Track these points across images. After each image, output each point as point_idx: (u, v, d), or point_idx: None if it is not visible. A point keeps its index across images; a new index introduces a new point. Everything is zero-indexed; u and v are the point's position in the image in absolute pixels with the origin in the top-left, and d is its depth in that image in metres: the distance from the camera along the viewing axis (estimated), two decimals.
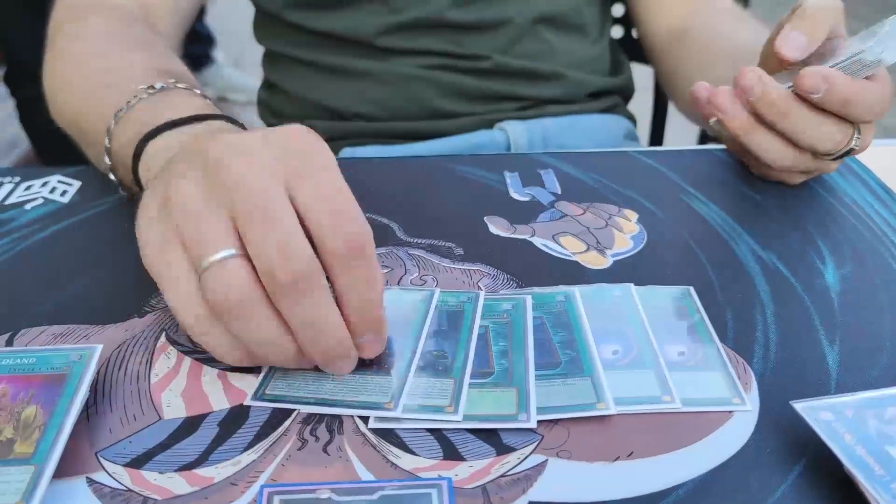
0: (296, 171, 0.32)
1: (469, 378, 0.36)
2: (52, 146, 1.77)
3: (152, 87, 0.48)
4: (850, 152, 0.48)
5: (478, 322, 0.40)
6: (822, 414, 0.33)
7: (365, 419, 0.34)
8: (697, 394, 0.36)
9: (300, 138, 0.34)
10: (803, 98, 0.46)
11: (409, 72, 0.70)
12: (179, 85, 0.49)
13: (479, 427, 0.34)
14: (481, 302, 0.41)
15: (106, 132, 0.48)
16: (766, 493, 0.31)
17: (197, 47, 2.46)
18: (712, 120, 0.49)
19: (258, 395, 0.36)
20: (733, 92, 0.48)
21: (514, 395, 0.35)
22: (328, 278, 0.33)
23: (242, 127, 0.45)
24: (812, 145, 0.47)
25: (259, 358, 0.34)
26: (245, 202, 0.31)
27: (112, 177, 0.49)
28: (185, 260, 0.33)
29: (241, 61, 2.73)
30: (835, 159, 0.49)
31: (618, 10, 0.91)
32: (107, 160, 0.48)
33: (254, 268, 0.32)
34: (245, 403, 0.35)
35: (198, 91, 0.49)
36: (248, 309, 0.31)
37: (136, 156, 0.44)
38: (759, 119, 0.48)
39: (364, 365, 0.36)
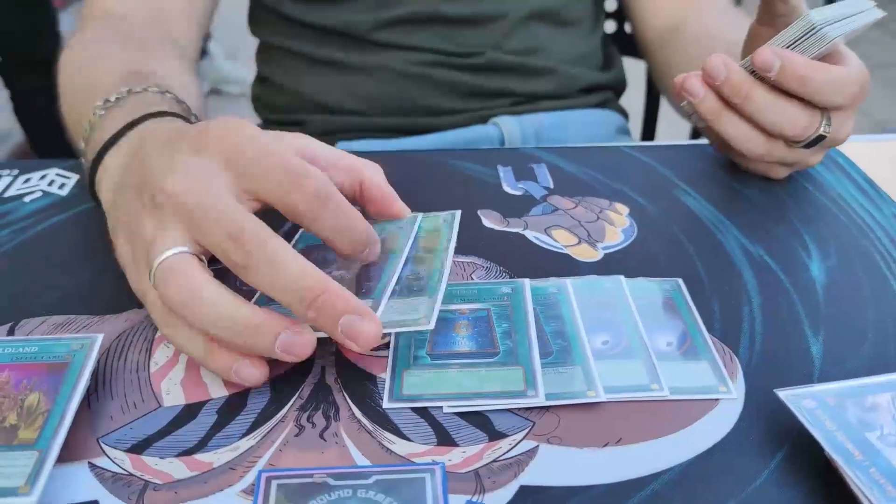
0: (242, 174, 0.35)
1: (443, 293, 0.37)
2: (46, 137, 1.77)
3: (108, 100, 0.48)
4: (820, 139, 0.48)
5: (454, 239, 0.41)
6: (805, 402, 0.34)
7: (360, 407, 0.35)
8: (685, 382, 0.37)
9: (231, 139, 0.36)
10: (767, 81, 0.47)
11: (402, 68, 0.71)
12: (136, 89, 0.48)
13: (490, 404, 0.35)
14: (457, 221, 0.43)
15: (83, 153, 0.49)
16: (750, 477, 0.32)
17: None
18: (684, 102, 0.50)
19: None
20: (703, 76, 0.49)
21: (521, 374, 0.36)
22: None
23: (178, 115, 0.46)
24: (777, 129, 0.47)
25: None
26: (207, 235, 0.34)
27: None
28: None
29: (235, 53, 2.72)
30: (807, 147, 0.49)
31: (611, 5, 0.92)
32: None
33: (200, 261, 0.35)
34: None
35: (154, 89, 0.49)
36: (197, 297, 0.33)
37: (91, 183, 0.46)
38: (728, 104, 0.48)
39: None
